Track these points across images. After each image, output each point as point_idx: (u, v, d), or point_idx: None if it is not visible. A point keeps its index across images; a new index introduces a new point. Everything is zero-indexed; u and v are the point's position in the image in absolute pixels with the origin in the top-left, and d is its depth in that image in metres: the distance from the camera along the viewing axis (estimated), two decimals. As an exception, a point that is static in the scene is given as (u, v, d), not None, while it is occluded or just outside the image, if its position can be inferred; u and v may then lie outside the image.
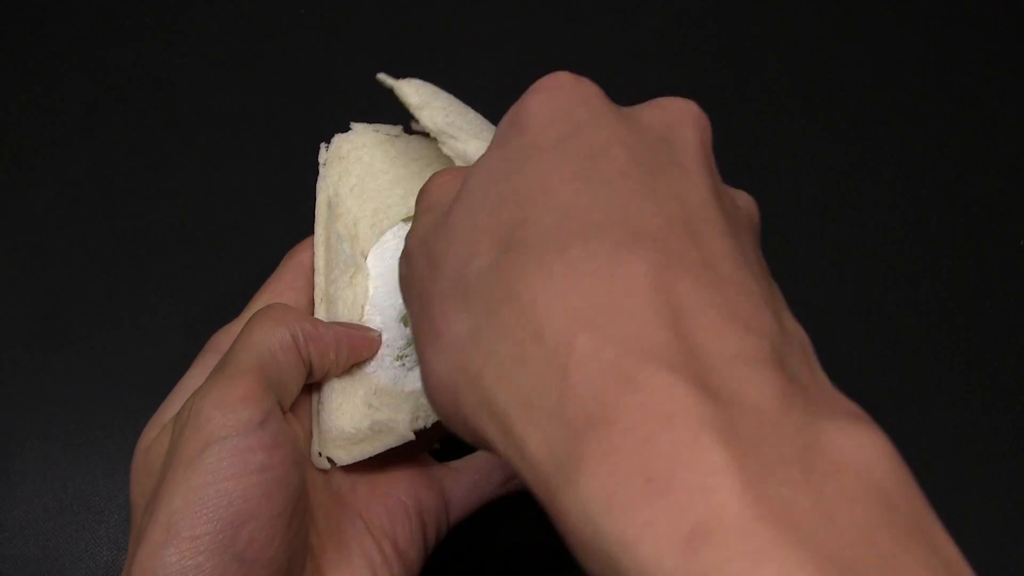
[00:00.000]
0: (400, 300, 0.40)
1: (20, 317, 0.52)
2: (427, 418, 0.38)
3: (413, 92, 0.39)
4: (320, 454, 0.39)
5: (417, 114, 0.38)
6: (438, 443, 0.44)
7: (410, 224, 0.43)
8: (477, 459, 0.42)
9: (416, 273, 0.26)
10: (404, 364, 0.40)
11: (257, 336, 0.35)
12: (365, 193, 0.42)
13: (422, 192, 0.30)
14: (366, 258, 0.42)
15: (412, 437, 0.38)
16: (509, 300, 0.21)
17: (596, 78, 0.30)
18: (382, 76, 0.39)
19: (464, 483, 0.40)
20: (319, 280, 0.42)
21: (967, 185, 0.58)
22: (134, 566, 0.31)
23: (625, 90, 0.38)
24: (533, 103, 0.26)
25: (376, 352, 0.39)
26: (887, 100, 0.60)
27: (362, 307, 0.41)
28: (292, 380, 0.36)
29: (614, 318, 0.20)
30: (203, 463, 0.31)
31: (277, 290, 0.40)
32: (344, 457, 0.38)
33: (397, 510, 0.38)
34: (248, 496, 0.31)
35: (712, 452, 0.17)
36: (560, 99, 0.26)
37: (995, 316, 0.54)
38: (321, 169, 0.43)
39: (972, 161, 0.59)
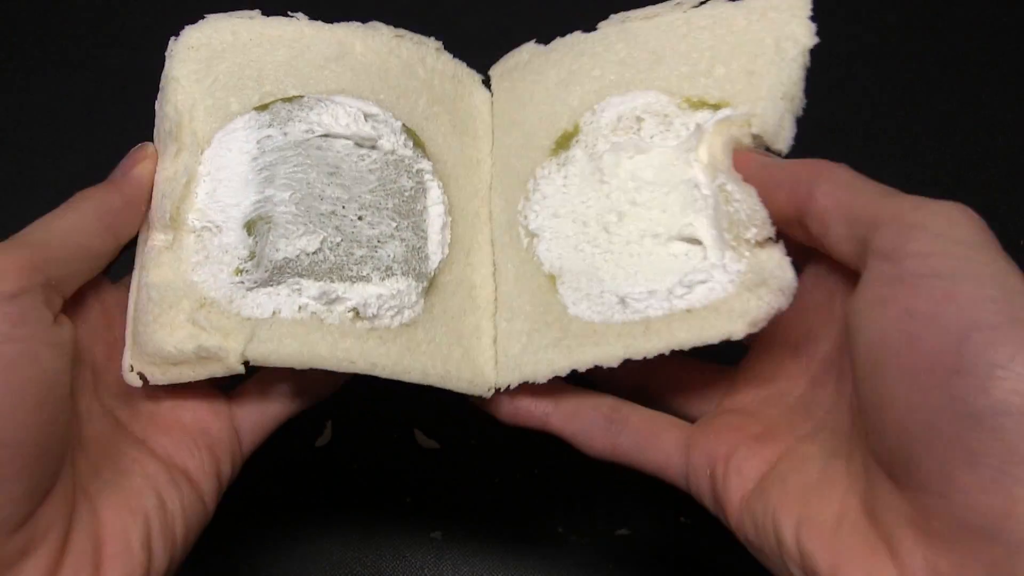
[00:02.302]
0: (247, 202, 0.36)
1: (20, 317, 0.52)
2: (261, 353, 0.34)
3: None
4: (132, 368, 0.35)
5: None
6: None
7: (265, 113, 0.38)
8: (256, 382, 0.38)
9: None
10: (243, 282, 0.35)
11: (57, 214, 0.34)
12: (210, 76, 0.38)
13: None
14: (205, 141, 0.37)
15: (241, 370, 0.34)
16: None
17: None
18: None
19: (251, 407, 0.38)
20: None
21: (967, 185, 0.58)
22: None
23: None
24: None
25: (153, 159, 0.36)
26: (886, 100, 0.60)
27: (185, 184, 0.36)
28: (90, 251, 0.34)
29: None
30: None
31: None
32: (159, 377, 0.35)
33: (183, 441, 0.36)
34: None
35: None
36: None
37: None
38: (167, 62, 0.39)
39: (972, 161, 0.59)
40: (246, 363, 0.34)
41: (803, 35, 0.36)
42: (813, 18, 0.36)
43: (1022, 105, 0.60)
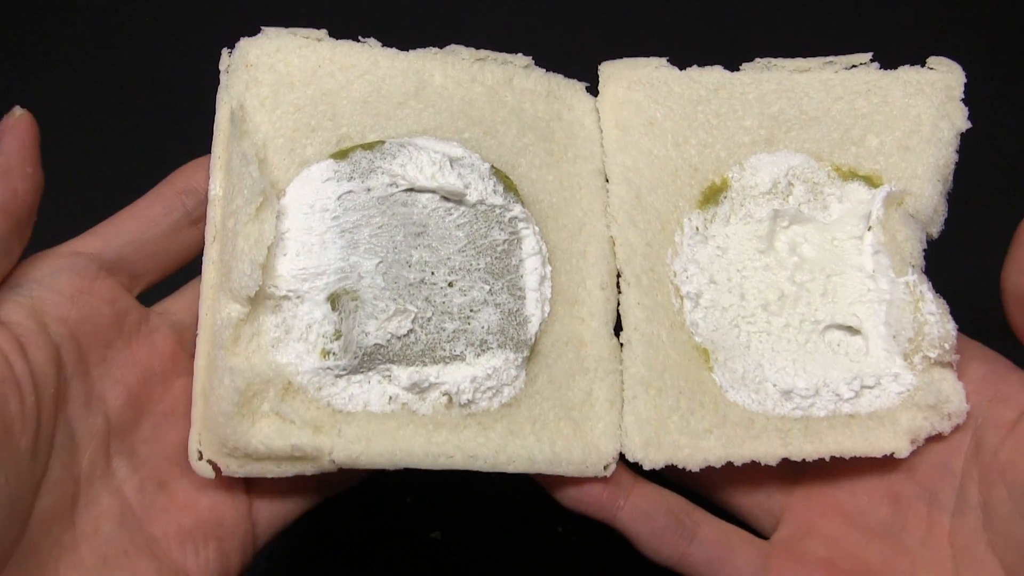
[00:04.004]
0: (331, 269, 0.32)
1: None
2: (350, 454, 0.30)
3: None
4: (201, 456, 0.31)
5: None
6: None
7: (344, 163, 0.33)
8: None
9: None
10: (331, 368, 0.31)
11: None
12: (279, 108, 0.34)
13: None
14: (279, 191, 0.33)
15: (334, 469, 0.31)
16: None
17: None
18: None
19: (272, 499, 0.34)
20: (213, 213, 0.33)
21: (967, 186, 0.58)
22: None
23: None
24: None
25: (34, 135, 0.31)
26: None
27: (268, 248, 0.32)
28: None
29: None
30: None
31: (133, 213, 0.35)
32: (236, 470, 0.31)
33: (191, 535, 0.31)
34: None
35: None
36: None
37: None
38: (222, 78, 0.35)
39: (972, 161, 0.59)
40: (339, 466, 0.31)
41: (958, 118, 0.37)
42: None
43: (1022, 105, 0.60)
